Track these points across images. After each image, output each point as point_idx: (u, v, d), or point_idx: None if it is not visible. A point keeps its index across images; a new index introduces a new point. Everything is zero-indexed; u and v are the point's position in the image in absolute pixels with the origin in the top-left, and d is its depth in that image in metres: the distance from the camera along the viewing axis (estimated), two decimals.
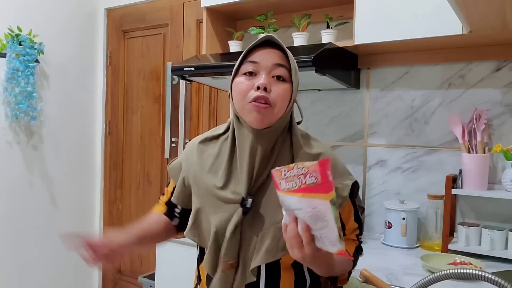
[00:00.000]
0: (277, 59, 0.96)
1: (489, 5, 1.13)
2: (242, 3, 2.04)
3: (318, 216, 0.76)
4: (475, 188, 1.65)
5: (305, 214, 0.77)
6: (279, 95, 0.94)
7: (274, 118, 0.96)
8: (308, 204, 0.75)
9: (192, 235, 1.02)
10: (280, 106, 0.95)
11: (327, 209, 0.75)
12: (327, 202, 0.75)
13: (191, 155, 1.07)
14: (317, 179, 0.74)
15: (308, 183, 0.74)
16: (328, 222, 0.76)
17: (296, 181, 0.75)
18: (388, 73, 1.96)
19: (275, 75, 0.95)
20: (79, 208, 3.05)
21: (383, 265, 1.53)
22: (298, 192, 0.75)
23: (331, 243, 0.78)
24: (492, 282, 0.61)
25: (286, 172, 0.75)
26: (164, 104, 2.78)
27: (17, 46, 2.52)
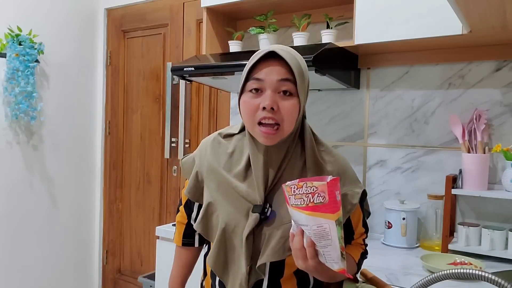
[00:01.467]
0: (282, 73, 0.92)
1: (489, 5, 1.13)
2: (242, 3, 2.04)
3: (322, 234, 0.79)
4: (475, 188, 1.65)
5: (310, 231, 0.80)
6: (286, 112, 0.93)
7: (284, 134, 0.95)
8: (314, 222, 0.79)
9: (200, 228, 1.04)
10: (288, 122, 0.94)
11: (332, 229, 0.79)
12: (333, 222, 0.78)
13: (205, 150, 1.08)
14: (325, 199, 0.78)
15: (315, 202, 0.78)
16: (332, 241, 0.79)
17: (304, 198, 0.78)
18: (388, 73, 1.96)
19: (281, 91, 0.93)
20: (79, 208, 3.05)
21: (383, 265, 1.52)
22: (306, 210, 0.79)
23: (333, 261, 0.82)
24: (492, 282, 0.61)
25: (295, 189, 0.79)
26: (164, 104, 2.78)
27: (17, 46, 2.52)
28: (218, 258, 1.00)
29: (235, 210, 0.99)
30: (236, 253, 0.99)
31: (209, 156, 1.06)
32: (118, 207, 3.08)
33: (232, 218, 0.98)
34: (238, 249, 0.98)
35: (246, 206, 0.98)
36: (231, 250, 1.00)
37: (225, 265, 1.01)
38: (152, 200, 2.90)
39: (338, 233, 0.79)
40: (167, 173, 2.82)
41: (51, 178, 2.85)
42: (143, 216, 2.94)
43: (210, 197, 1.03)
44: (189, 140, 2.68)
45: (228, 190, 1.01)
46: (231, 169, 1.02)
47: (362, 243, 1.08)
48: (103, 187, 3.15)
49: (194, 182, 1.08)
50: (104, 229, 3.15)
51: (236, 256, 0.99)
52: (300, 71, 0.94)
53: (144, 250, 2.94)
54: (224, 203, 1.00)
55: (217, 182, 1.03)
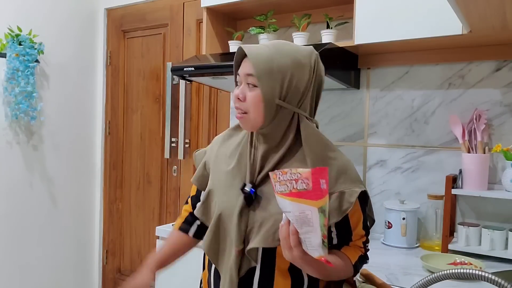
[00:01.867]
0: (247, 69, 1.00)
1: (489, 5, 1.13)
2: (242, 3, 2.04)
3: (304, 221, 0.81)
4: (475, 188, 1.65)
5: (293, 217, 0.82)
6: (249, 102, 1.00)
7: (255, 123, 1.01)
8: (297, 208, 0.81)
9: (200, 213, 1.10)
10: (254, 111, 1.00)
11: (314, 215, 0.80)
12: (315, 209, 0.80)
13: (216, 142, 1.16)
14: (308, 186, 0.79)
15: (299, 189, 0.79)
16: (313, 227, 0.81)
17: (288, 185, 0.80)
18: (388, 73, 1.96)
19: (249, 83, 1.01)
20: (79, 208, 3.05)
21: (383, 265, 1.53)
22: (289, 196, 0.80)
23: (313, 248, 0.83)
24: (492, 282, 0.61)
25: (280, 176, 0.81)
26: (164, 104, 2.77)
27: (17, 46, 2.52)
28: (212, 243, 1.04)
29: (230, 197, 1.02)
30: (229, 239, 1.02)
31: (218, 146, 1.14)
32: (118, 207, 3.08)
33: (227, 205, 1.02)
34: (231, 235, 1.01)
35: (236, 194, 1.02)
36: (224, 236, 1.03)
37: (218, 251, 1.04)
38: (152, 200, 2.90)
39: (321, 221, 0.80)
40: (167, 173, 2.82)
41: (51, 178, 2.85)
42: (143, 216, 2.94)
43: (211, 184, 1.09)
44: (189, 140, 2.68)
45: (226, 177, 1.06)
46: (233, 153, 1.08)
47: (362, 246, 1.07)
48: (103, 187, 3.15)
49: (202, 171, 1.15)
50: (104, 229, 3.15)
51: (229, 242, 1.02)
52: (266, 63, 0.98)
53: (144, 250, 2.94)
54: (222, 191, 1.05)
55: (220, 170, 1.08)
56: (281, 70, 0.99)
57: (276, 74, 0.98)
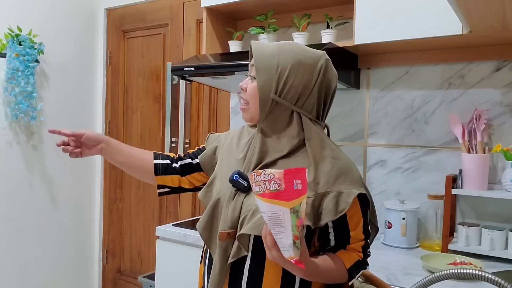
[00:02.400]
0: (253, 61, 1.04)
1: (489, 5, 1.13)
2: (242, 3, 2.04)
3: (276, 221, 0.82)
4: (475, 188, 1.65)
5: (266, 218, 0.83)
6: (248, 93, 1.05)
7: (254, 115, 1.05)
8: (270, 208, 0.82)
9: (202, 197, 1.13)
10: (252, 101, 1.04)
11: (286, 216, 0.81)
12: (287, 210, 0.81)
13: (233, 132, 1.20)
14: (281, 187, 0.81)
15: (271, 189, 0.81)
16: (285, 228, 0.82)
17: (262, 186, 0.82)
18: (388, 73, 1.96)
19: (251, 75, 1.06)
20: (79, 208, 3.05)
21: (383, 265, 1.52)
22: (262, 196, 0.82)
23: (284, 248, 0.84)
24: (492, 282, 0.61)
25: (255, 176, 0.83)
26: (164, 104, 2.78)
27: (17, 46, 2.52)
28: (206, 224, 1.07)
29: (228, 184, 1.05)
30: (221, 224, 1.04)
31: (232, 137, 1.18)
32: (118, 207, 3.08)
33: (225, 192, 1.05)
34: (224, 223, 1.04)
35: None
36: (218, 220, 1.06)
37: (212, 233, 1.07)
38: (152, 200, 2.90)
39: (292, 221, 0.81)
40: None
41: (51, 178, 2.85)
42: (143, 216, 2.94)
43: (216, 172, 1.13)
44: (189, 140, 2.68)
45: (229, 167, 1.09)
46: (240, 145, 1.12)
47: (360, 251, 1.04)
48: (103, 187, 3.15)
49: (210, 153, 1.20)
50: (104, 229, 3.15)
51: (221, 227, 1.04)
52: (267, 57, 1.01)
53: (144, 250, 2.94)
54: (223, 178, 1.08)
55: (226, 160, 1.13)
56: (279, 65, 1.01)
57: (274, 68, 1.01)
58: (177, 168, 1.24)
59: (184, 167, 1.24)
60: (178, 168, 1.24)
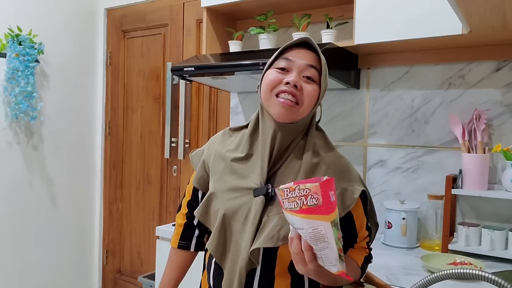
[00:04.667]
0: (310, 60, 0.99)
1: (489, 5, 1.13)
2: (242, 3, 2.04)
3: (318, 237, 0.78)
4: (475, 188, 1.65)
5: (306, 234, 0.79)
6: (307, 94, 0.97)
7: (299, 115, 0.98)
8: (309, 225, 0.77)
9: (199, 214, 1.08)
10: (307, 105, 0.98)
11: (328, 231, 0.77)
12: (328, 224, 0.77)
13: (214, 142, 1.13)
14: (318, 201, 0.76)
15: (309, 205, 0.76)
16: (328, 243, 0.78)
17: (298, 201, 0.77)
18: (388, 73, 1.96)
19: (306, 76, 0.98)
20: (79, 208, 3.05)
21: (383, 265, 1.52)
22: (300, 213, 0.77)
23: (331, 263, 0.80)
24: (492, 282, 0.61)
25: (288, 192, 0.77)
26: (164, 104, 2.78)
27: (17, 46, 2.52)
28: (219, 243, 1.02)
29: (235, 197, 1.00)
30: (234, 239, 1.00)
31: (217, 146, 1.10)
32: (118, 207, 3.08)
33: (232, 204, 1.00)
34: (237, 235, 0.99)
35: (246, 192, 1.00)
36: (230, 236, 1.01)
37: (224, 251, 1.02)
38: (152, 200, 2.90)
39: (335, 235, 0.78)
40: (167, 173, 2.82)
41: (51, 178, 2.85)
42: (143, 216, 2.94)
43: (213, 187, 1.06)
44: (189, 140, 2.68)
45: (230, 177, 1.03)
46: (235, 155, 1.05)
47: (366, 247, 1.07)
48: (103, 187, 3.15)
49: (202, 172, 1.12)
50: (104, 229, 3.15)
51: (234, 242, 1.00)
52: (325, 64, 1.00)
53: (144, 250, 2.94)
54: (225, 191, 1.03)
55: (221, 169, 1.06)
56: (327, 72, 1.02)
57: (327, 74, 1.02)
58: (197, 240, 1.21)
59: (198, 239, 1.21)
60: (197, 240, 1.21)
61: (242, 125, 1.12)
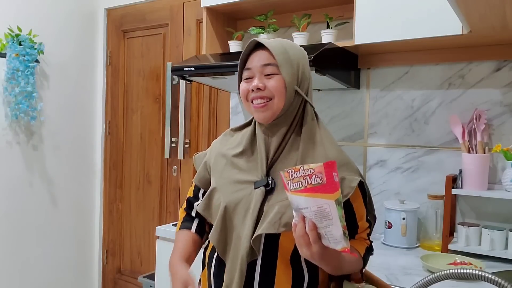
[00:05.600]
0: (264, 59, 1.03)
1: (489, 5, 1.13)
2: (242, 3, 2.04)
3: (323, 214, 0.81)
4: (475, 188, 1.65)
5: (311, 213, 0.82)
6: (272, 87, 1.02)
7: (276, 109, 1.03)
8: (314, 203, 0.80)
9: (201, 208, 1.12)
10: (277, 95, 1.02)
11: (332, 208, 0.80)
12: (332, 202, 0.80)
13: (215, 143, 1.20)
14: (323, 180, 0.79)
15: (313, 184, 0.79)
16: (333, 220, 0.81)
17: (302, 181, 0.80)
18: (388, 73, 1.96)
19: (266, 74, 1.04)
20: (79, 208, 3.05)
21: (383, 265, 1.53)
22: (304, 192, 0.80)
23: (335, 240, 0.83)
24: (492, 282, 0.61)
25: (293, 173, 0.81)
26: (164, 104, 2.78)
27: (17, 46, 2.52)
28: (221, 234, 1.05)
29: (237, 190, 1.05)
30: (236, 230, 1.03)
31: (218, 146, 1.17)
32: (118, 207, 3.08)
33: (233, 197, 1.04)
34: (238, 226, 1.03)
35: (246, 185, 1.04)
36: (231, 227, 1.04)
37: (226, 242, 1.05)
38: (152, 200, 2.90)
39: (339, 212, 0.81)
40: (167, 173, 2.82)
41: (51, 178, 2.85)
42: (143, 216, 2.94)
43: (215, 183, 1.11)
44: (189, 140, 2.68)
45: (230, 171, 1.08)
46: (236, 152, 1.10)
47: (367, 238, 1.10)
48: (103, 187, 3.15)
49: (203, 172, 1.18)
50: (104, 229, 3.15)
51: (235, 233, 1.03)
52: (283, 54, 1.03)
53: (144, 250, 2.94)
54: (227, 185, 1.07)
55: (223, 166, 1.11)
56: (295, 58, 1.04)
57: (293, 62, 1.04)
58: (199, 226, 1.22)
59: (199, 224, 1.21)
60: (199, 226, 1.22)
61: (244, 123, 1.17)
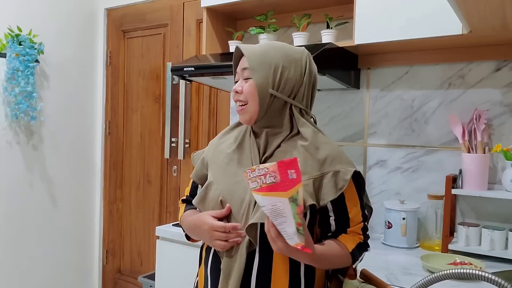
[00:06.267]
0: (243, 64, 1.09)
1: (489, 5, 1.13)
2: (242, 3, 2.04)
3: (277, 212, 0.84)
4: (475, 188, 1.65)
5: (267, 211, 0.86)
6: (245, 91, 1.07)
7: (253, 113, 1.07)
8: (269, 201, 0.84)
9: (197, 202, 1.14)
10: (250, 99, 1.06)
11: (286, 206, 0.83)
12: (286, 200, 0.83)
13: (214, 141, 1.22)
14: (276, 179, 0.82)
15: (268, 183, 0.83)
16: (287, 217, 0.84)
17: (258, 181, 0.84)
18: (388, 73, 1.96)
19: (244, 78, 1.09)
20: (79, 208, 3.05)
21: (383, 265, 1.53)
22: (260, 191, 0.84)
23: (289, 237, 0.87)
24: (492, 282, 0.61)
25: (250, 173, 0.85)
26: (164, 104, 2.78)
27: (17, 46, 2.52)
28: None
29: (232, 182, 1.07)
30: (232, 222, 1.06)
31: (216, 143, 1.20)
32: (118, 207, 3.08)
33: (229, 189, 1.07)
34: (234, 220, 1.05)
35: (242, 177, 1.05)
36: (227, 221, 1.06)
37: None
38: (152, 200, 2.90)
39: (293, 210, 0.83)
40: (167, 173, 2.82)
41: (51, 178, 2.85)
42: (143, 216, 2.94)
43: (211, 177, 1.13)
44: (189, 140, 2.68)
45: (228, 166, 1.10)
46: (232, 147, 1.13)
47: (360, 233, 1.09)
48: (103, 187, 3.15)
49: (200, 167, 1.20)
50: (104, 229, 3.15)
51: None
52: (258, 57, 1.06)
53: (144, 250, 2.94)
54: (223, 178, 1.10)
55: (219, 161, 1.13)
56: (273, 62, 1.06)
57: (268, 65, 1.06)
58: None
59: None
60: None
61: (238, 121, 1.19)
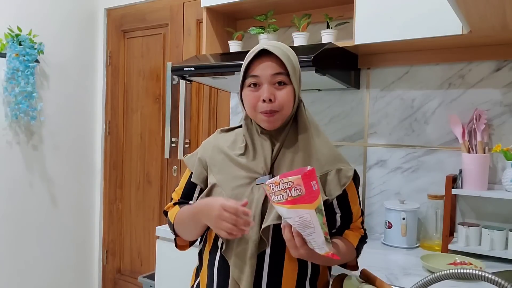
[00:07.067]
0: (274, 68, 1.05)
1: (489, 5, 1.13)
2: (242, 3, 2.04)
3: (305, 224, 0.86)
4: (475, 188, 1.65)
5: (294, 223, 0.87)
6: (283, 99, 1.05)
7: (284, 118, 1.08)
8: (295, 214, 0.86)
9: None
10: (286, 107, 1.06)
11: (313, 217, 0.85)
12: (313, 211, 0.85)
13: (208, 142, 1.20)
14: (302, 191, 0.84)
15: (293, 196, 0.84)
16: (314, 228, 0.87)
17: (283, 194, 0.85)
18: (388, 73, 1.96)
19: (276, 82, 1.06)
20: (79, 208, 3.05)
21: (383, 265, 1.52)
22: (286, 204, 0.85)
23: (318, 246, 0.89)
24: (492, 282, 0.61)
25: (273, 187, 0.86)
26: (164, 104, 2.78)
27: (17, 46, 2.52)
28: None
29: (238, 185, 1.07)
30: None
31: (213, 142, 1.18)
32: (118, 207, 3.08)
33: (235, 193, 1.07)
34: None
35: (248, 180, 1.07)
36: None
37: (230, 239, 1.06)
38: (152, 200, 2.90)
39: (320, 220, 0.86)
40: (167, 173, 2.82)
41: (51, 178, 2.85)
42: (143, 216, 2.94)
43: (214, 179, 1.12)
44: (189, 140, 2.68)
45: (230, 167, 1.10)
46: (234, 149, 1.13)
47: (361, 227, 1.15)
48: (103, 187, 3.15)
49: (199, 168, 1.17)
50: (104, 229, 3.15)
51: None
52: (291, 63, 1.06)
53: (144, 250, 2.94)
54: (227, 180, 1.10)
55: (221, 161, 1.13)
56: (297, 65, 1.08)
57: (297, 69, 1.08)
58: None
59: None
60: None
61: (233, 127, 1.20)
